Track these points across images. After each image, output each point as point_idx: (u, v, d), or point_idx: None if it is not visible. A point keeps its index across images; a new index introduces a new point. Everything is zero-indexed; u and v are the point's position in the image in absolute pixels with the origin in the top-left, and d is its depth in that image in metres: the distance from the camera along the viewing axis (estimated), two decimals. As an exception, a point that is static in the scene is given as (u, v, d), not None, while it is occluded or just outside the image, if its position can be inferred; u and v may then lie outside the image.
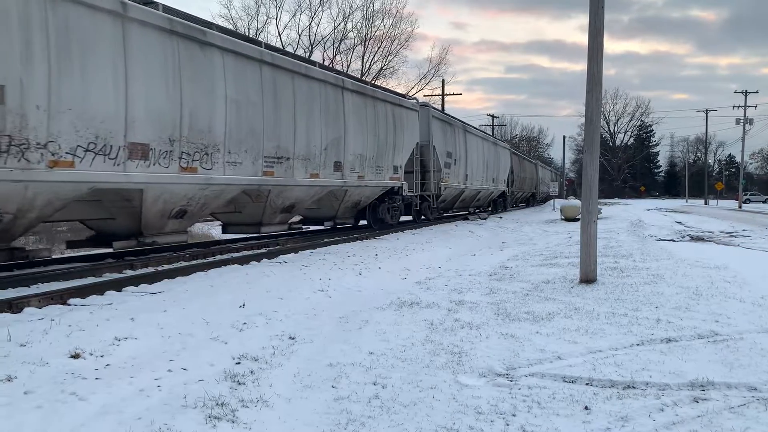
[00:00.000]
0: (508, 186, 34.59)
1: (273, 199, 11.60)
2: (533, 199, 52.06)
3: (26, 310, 6.16)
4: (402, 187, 17.42)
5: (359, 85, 15.15)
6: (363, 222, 17.10)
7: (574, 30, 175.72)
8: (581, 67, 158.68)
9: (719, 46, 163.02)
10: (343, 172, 13.78)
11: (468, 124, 26.60)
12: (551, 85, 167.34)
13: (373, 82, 18.94)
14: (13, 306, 6.19)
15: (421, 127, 19.12)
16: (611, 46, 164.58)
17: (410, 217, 20.10)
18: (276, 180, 11.26)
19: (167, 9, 8.94)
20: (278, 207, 12.04)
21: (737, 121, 56.64)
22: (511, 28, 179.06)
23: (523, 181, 43.02)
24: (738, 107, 56.30)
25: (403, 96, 18.91)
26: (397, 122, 16.81)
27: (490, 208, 33.09)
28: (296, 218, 15.35)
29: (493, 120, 64.82)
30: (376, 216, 16.93)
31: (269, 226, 12.14)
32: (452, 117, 24.21)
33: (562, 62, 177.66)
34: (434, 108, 21.79)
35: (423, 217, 20.69)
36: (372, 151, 15.32)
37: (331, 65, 18.49)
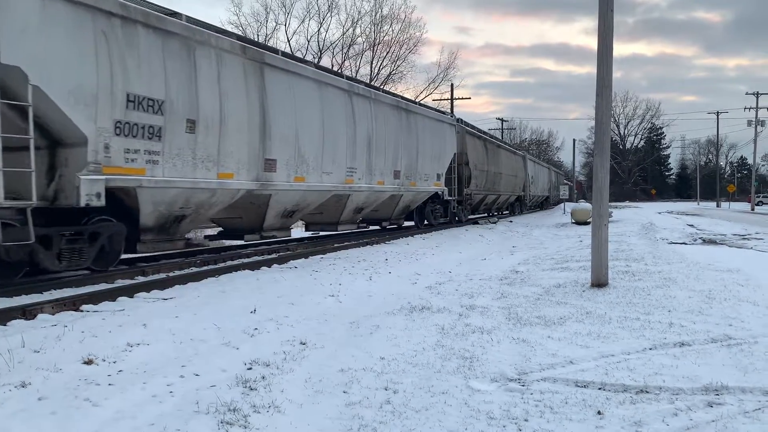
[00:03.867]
0: (456, 185, 22.25)
1: None
2: (520, 206, 38.19)
3: (39, 316, 6.22)
4: None
5: None
6: None
7: (579, 33, 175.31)
8: (587, 70, 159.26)
9: (726, 47, 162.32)
10: None
11: (275, 51, 11.86)
12: (558, 88, 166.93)
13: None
14: (27, 312, 6.25)
15: None
16: (617, 48, 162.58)
17: None
18: None
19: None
20: None
21: (749, 123, 56.25)
22: (516, 32, 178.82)
23: (495, 179, 28.46)
24: (749, 109, 55.93)
25: None
26: None
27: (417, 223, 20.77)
28: None
29: (502, 123, 64.80)
30: None
31: None
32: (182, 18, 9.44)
33: (567, 65, 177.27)
34: None
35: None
36: None
37: (340, 70, 15.96)
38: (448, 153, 21.22)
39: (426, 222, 20.96)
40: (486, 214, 30.91)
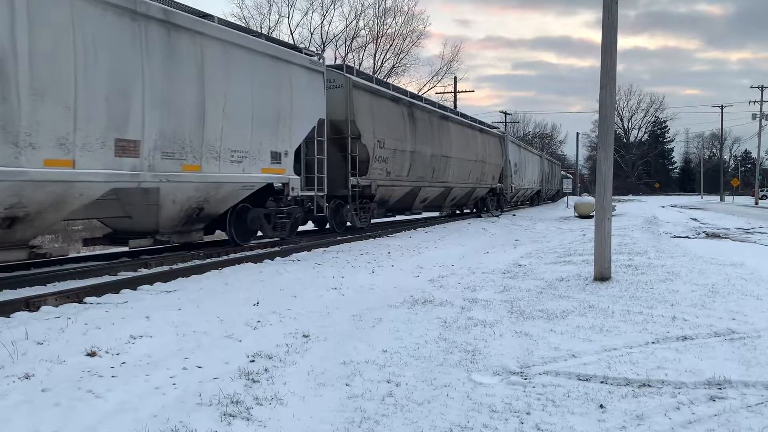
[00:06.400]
0: (326, 171, 13.02)
1: None
2: (497, 202, 29.23)
3: (43, 308, 6.23)
4: None
5: None
6: None
7: (580, 26, 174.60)
8: (589, 63, 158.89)
9: (728, 40, 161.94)
10: None
11: None
12: (560, 81, 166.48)
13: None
14: (31, 304, 6.26)
15: None
16: (619, 41, 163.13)
17: None
18: None
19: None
20: None
21: (753, 117, 56.03)
22: (517, 25, 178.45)
23: (436, 164, 20.04)
24: (754, 102, 55.75)
25: None
26: None
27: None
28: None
29: (506, 117, 64.58)
30: None
31: None
32: None
33: (569, 58, 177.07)
34: None
35: None
36: None
37: (343, 63, 15.25)
38: (302, 117, 12.04)
39: (261, 234, 12.14)
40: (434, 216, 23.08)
